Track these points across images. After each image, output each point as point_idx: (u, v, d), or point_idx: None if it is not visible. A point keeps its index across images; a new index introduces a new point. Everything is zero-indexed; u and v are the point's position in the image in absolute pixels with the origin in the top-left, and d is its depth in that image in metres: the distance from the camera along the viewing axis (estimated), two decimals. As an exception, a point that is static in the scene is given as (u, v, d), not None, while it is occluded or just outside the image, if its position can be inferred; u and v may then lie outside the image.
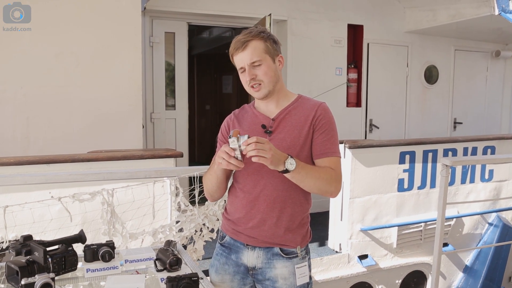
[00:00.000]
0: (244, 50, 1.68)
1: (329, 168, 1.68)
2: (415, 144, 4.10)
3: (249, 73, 1.68)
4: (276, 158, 1.50)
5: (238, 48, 1.69)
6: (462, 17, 5.22)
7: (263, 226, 1.72)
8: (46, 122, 3.74)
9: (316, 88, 5.21)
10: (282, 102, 1.77)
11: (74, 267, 1.65)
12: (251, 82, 1.69)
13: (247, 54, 1.68)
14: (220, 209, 2.91)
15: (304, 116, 1.72)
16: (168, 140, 4.91)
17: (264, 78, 1.69)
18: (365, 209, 3.85)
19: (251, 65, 1.68)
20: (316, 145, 1.70)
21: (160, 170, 2.78)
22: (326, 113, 1.73)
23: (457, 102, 6.68)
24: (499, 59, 6.99)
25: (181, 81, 4.99)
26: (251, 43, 1.68)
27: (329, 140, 1.70)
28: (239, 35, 1.71)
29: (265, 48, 1.69)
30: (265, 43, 1.69)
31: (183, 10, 4.74)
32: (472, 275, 4.47)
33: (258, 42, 1.68)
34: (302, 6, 5.34)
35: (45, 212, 2.48)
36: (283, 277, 1.73)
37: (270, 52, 1.70)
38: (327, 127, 1.71)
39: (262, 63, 1.68)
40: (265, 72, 1.69)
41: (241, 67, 1.71)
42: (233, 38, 1.74)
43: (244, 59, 1.68)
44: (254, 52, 1.67)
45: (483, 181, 4.45)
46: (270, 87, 1.71)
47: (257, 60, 1.67)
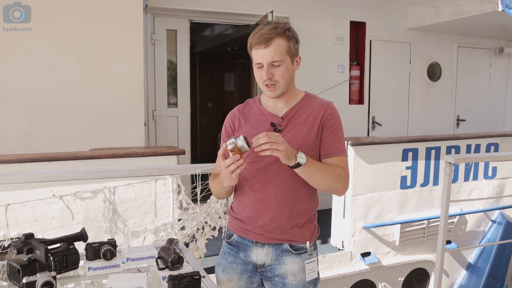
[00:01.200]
0: (267, 48, 1.61)
1: (338, 167, 1.69)
2: (418, 141, 4.09)
3: (266, 72, 1.63)
4: (289, 151, 1.52)
5: (260, 43, 1.61)
6: (465, 14, 5.19)
7: (272, 224, 1.72)
8: (48, 121, 3.74)
9: (319, 86, 5.19)
10: (291, 100, 1.75)
11: (76, 266, 1.65)
12: (267, 81, 1.65)
13: (269, 53, 1.61)
14: (222, 207, 2.91)
15: (313, 115, 1.71)
16: (170, 138, 4.91)
17: (280, 80, 1.65)
18: (367, 206, 3.84)
19: (270, 64, 1.63)
20: (324, 145, 1.71)
21: (162, 168, 2.78)
22: (334, 112, 1.73)
23: (460, 99, 6.65)
24: (502, 56, 6.95)
25: (183, 78, 4.98)
26: (275, 41, 1.61)
27: (338, 139, 1.71)
28: (263, 29, 1.63)
29: (287, 48, 1.63)
30: (288, 43, 1.64)
31: (184, 7, 4.73)
32: (475, 272, 4.46)
33: (282, 41, 1.62)
34: (304, 3, 5.32)
35: (47, 210, 2.49)
36: (292, 273, 1.73)
37: (291, 52, 1.65)
38: (335, 127, 1.71)
39: (282, 64, 1.63)
40: (283, 73, 1.64)
41: (259, 63, 1.65)
42: (254, 29, 1.66)
43: (265, 57, 1.62)
44: (277, 52, 1.61)
45: (487, 178, 4.43)
46: (284, 89, 1.68)
47: (278, 60, 1.62)
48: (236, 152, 1.52)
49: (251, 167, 1.73)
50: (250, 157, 1.72)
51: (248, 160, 1.74)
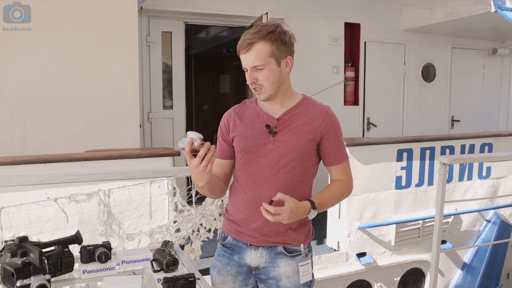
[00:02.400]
0: (248, 52, 1.62)
1: (341, 181, 1.76)
2: (413, 141, 4.11)
3: (250, 76, 1.65)
4: (294, 219, 1.59)
5: (243, 48, 1.63)
6: (458, 15, 5.22)
7: (266, 227, 1.71)
8: (44, 122, 3.73)
9: (314, 87, 5.20)
10: (287, 103, 1.74)
11: (71, 269, 1.64)
12: (252, 85, 1.67)
13: (250, 57, 1.62)
14: (217, 209, 2.91)
15: (310, 120, 1.70)
16: (166, 140, 4.90)
17: (264, 83, 1.65)
18: (363, 207, 3.85)
19: (254, 68, 1.64)
20: (328, 153, 1.73)
21: (157, 170, 2.77)
22: (333, 119, 1.74)
23: (454, 100, 6.69)
24: (496, 57, 6.99)
25: (179, 80, 4.98)
26: (256, 46, 1.61)
27: (340, 146, 1.75)
28: (247, 33, 1.64)
29: (269, 52, 1.62)
30: (271, 46, 1.62)
31: (179, 9, 4.73)
32: (470, 272, 4.48)
33: (263, 44, 1.61)
34: (299, 4, 5.34)
35: (41, 212, 2.48)
36: (286, 276, 1.73)
37: (275, 55, 1.63)
38: (336, 134, 1.73)
39: (265, 67, 1.63)
40: (266, 76, 1.64)
41: (244, 67, 1.67)
42: (242, 34, 1.67)
43: (247, 61, 1.64)
44: (257, 56, 1.61)
45: (481, 178, 4.45)
46: (271, 92, 1.67)
47: (259, 64, 1.62)
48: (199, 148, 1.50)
49: (244, 169, 1.73)
50: (244, 158, 1.73)
51: (241, 161, 1.74)
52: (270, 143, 1.69)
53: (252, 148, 1.70)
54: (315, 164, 1.77)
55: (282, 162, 1.68)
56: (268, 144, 1.69)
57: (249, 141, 1.71)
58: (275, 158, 1.68)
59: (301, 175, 1.71)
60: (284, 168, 1.68)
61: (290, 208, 1.54)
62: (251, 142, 1.70)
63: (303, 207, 1.60)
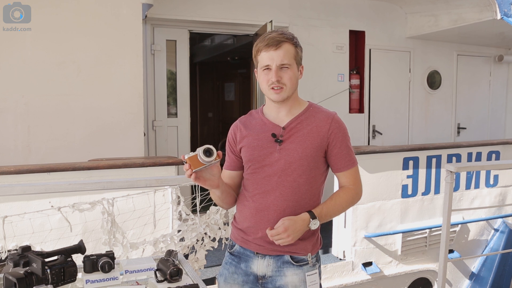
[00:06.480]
0: (277, 50, 1.64)
1: (346, 188, 1.76)
2: (419, 149, 4.08)
3: (275, 74, 1.65)
4: (296, 234, 1.62)
5: (270, 46, 1.64)
6: (464, 22, 5.20)
7: None
8: (48, 131, 3.73)
9: (318, 95, 5.19)
10: (294, 110, 1.74)
11: (74, 278, 1.62)
12: (274, 84, 1.66)
13: (279, 55, 1.64)
14: (222, 218, 2.88)
15: (317, 128, 1.70)
16: (170, 148, 4.89)
17: (288, 83, 1.67)
18: (369, 215, 3.81)
19: (279, 66, 1.66)
20: (336, 159, 1.73)
21: (161, 179, 2.76)
22: (340, 125, 1.74)
23: (460, 107, 6.65)
24: (502, 64, 6.96)
25: (183, 88, 4.99)
26: (285, 45, 1.66)
27: (348, 151, 1.75)
28: (272, 33, 1.67)
29: (294, 54, 1.68)
30: (296, 49, 1.69)
31: (184, 17, 4.74)
32: (478, 282, 4.42)
33: (290, 46, 1.67)
34: (303, 12, 5.34)
35: (45, 221, 2.47)
36: (293, 285, 1.71)
37: (297, 59, 1.70)
38: (343, 140, 1.73)
39: (290, 68, 1.67)
40: (290, 77, 1.67)
41: (267, 65, 1.66)
42: (261, 36, 1.70)
43: (275, 59, 1.65)
44: (286, 55, 1.65)
45: (488, 187, 4.41)
46: (290, 93, 1.69)
47: (287, 63, 1.66)
48: (192, 161, 1.53)
49: (252, 178, 1.72)
50: (251, 168, 1.72)
51: (249, 170, 1.73)
52: (277, 152, 1.68)
53: (259, 158, 1.70)
54: (323, 171, 1.75)
55: (289, 171, 1.67)
56: (275, 153, 1.68)
57: (255, 150, 1.71)
58: (281, 166, 1.67)
59: (309, 183, 1.69)
60: (291, 176, 1.67)
61: (284, 227, 1.58)
62: (257, 151, 1.70)
63: (301, 220, 1.62)
